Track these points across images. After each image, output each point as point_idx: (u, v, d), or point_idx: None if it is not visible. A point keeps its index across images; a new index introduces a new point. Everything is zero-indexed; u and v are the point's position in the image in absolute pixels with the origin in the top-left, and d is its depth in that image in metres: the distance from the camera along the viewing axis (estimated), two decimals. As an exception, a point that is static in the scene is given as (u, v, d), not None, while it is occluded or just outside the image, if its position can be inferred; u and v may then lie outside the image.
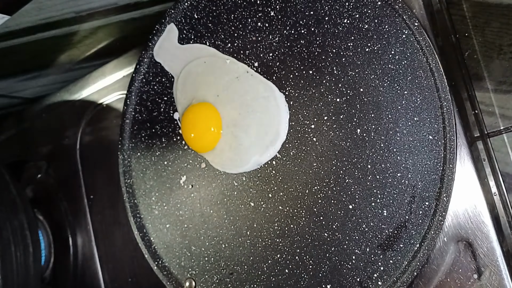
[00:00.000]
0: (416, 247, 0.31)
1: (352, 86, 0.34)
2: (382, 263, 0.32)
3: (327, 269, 0.33)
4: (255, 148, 0.35)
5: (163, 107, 0.40)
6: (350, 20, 0.34)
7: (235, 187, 0.37)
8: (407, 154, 0.32)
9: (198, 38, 0.39)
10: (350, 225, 0.33)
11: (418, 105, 0.32)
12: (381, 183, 0.32)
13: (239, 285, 0.36)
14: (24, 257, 0.37)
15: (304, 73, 0.35)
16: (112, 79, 0.51)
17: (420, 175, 0.32)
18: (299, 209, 0.35)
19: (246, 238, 0.36)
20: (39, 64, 0.50)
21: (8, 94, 0.54)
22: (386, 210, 0.32)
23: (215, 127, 0.36)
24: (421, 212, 0.31)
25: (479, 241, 0.32)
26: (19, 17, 0.39)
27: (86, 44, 0.48)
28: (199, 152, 0.38)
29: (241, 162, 0.35)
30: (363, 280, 0.32)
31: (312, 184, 0.34)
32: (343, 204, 0.33)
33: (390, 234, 0.32)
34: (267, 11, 0.37)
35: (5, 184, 0.39)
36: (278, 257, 0.35)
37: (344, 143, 0.34)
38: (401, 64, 0.33)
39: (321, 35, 0.35)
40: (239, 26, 0.38)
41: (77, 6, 0.41)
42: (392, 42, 0.33)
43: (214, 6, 0.39)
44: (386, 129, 0.33)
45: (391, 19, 0.33)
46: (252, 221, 0.36)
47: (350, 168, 0.33)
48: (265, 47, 0.37)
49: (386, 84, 0.33)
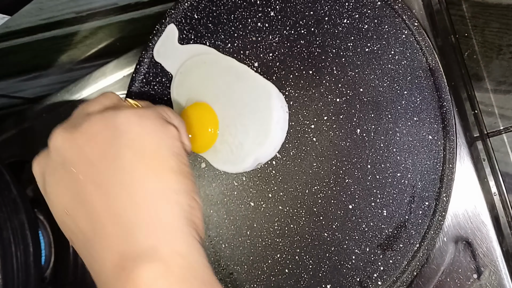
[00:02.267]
0: (416, 247, 0.31)
1: (352, 86, 0.34)
2: (382, 262, 0.32)
3: (327, 269, 0.33)
4: (254, 148, 0.35)
5: (163, 107, 0.40)
6: (350, 21, 0.34)
7: (235, 187, 0.37)
8: (407, 154, 0.32)
9: (198, 38, 0.39)
10: (350, 225, 0.33)
11: (418, 105, 0.32)
12: (380, 183, 0.32)
13: (239, 285, 0.36)
14: (24, 256, 0.37)
15: (304, 73, 0.35)
16: (112, 79, 0.51)
17: (420, 175, 0.32)
18: (299, 209, 0.35)
19: (246, 238, 0.36)
20: (39, 64, 0.50)
21: (8, 94, 0.54)
22: (386, 210, 0.32)
23: (212, 127, 0.36)
24: (420, 212, 0.31)
25: (479, 241, 0.32)
26: (19, 17, 0.39)
27: (87, 44, 0.48)
28: (196, 152, 0.38)
29: (240, 162, 0.35)
30: (363, 280, 0.33)
31: (312, 184, 0.34)
32: (343, 204, 0.33)
33: (390, 234, 0.32)
34: (267, 11, 0.37)
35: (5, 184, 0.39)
36: (278, 257, 0.35)
37: (344, 143, 0.34)
38: (401, 64, 0.33)
39: (321, 35, 0.35)
40: (239, 26, 0.38)
41: (77, 6, 0.41)
42: (391, 42, 0.33)
43: (214, 6, 0.39)
44: (386, 129, 0.33)
45: (390, 19, 0.33)
46: (252, 221, 0.36)
47: (350, 168, 0.33)
48: (265, 47, 0.37)
49: (386, 84, 0.33)
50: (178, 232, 0.24)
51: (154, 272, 0.22)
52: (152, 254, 0.23)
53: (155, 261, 0.22)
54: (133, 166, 0.24)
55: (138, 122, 0.25)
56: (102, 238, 0.24)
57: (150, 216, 0.24)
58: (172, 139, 0.26)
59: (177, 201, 0.24)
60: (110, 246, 0.23)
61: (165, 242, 0.23)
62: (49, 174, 0.26)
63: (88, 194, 0.24)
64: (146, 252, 0.23)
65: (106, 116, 0.25)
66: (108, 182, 0.24)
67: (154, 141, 0.25)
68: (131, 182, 0.24)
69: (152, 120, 0.26)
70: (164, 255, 0.23)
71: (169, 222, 0.24)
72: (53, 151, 0.26)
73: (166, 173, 0.25)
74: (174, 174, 0.25)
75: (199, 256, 0.24)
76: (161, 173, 0.25)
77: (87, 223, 0.24)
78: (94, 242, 0.24)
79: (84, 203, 0.25)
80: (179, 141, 0.27)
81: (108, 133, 0.25)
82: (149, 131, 0.25)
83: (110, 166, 0.24)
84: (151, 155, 0.25)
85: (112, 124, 0.25)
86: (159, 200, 0.24)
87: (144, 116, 0.26)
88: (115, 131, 0.25)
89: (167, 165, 0.25)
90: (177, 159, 0.26)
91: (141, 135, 0.25)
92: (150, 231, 0.23)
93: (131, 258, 0.23)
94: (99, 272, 0.24)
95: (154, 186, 0.24)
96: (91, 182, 0.24)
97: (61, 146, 0.25)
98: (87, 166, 0.25)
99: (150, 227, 0.23)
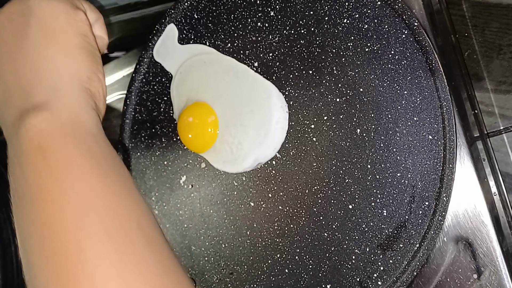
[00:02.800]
0: (416, 247, 0.31)
1: (352, 86, 0.34)
2: (382, 263, 0.32)
3: (327, 269, 0.33)
4: (254, 148, 0.35)
5: (163, 107, 0.40)
6: (350, 20, 0.34)
7: (235, 187, 0.37)
8: (407, 154, 0.32)
9: (198, 38, 0.39)
10: (350, 225, 0.33)
11: (418, 105, 0.32)
12: (381, 183, 0.32)
13: (239, 285, 0.36)
14: (24, 257, 0.37)
15: (304, 73, 0.35)
16: (112, 79, 0.51)
17: (420, 175, 0.32)
18: (299, 209, 0.35)
19: (246, 238, 0.36)
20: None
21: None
22: (386, 210, 0.32)
23: (212, 127, 0.36)
24: (420, 212, 0.31)
25: (479, 241, 0.32)
26: (19, 17, 0.39)
27: (86, 44, 0.48)
28: (196, 152, 0.38)
29: (240, 162, 0.35)
30: (363, 280, 0.33)
31: (312, 184, 0.34)
32: (343, 204, 0.33)
33: (390, 234, 0.32)
34: (267, 11, 0.37)
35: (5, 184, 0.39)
36: (278, 257, 0.35)
37: (344, 143, 0.34)
38: (401, 64, 0.33)
39: (321, 35, 0.35)
40: (239, 26, 0.38)
41: (77, 6, 0.41)
42: (391, 42, 0.33)
43: (214, 6, 0.39)
44: (386, 129, 0.33)
45: (390, 19, 0.33)
46: (252, 221, 0.36)
47: (350, 168, 0.33)
48: (265, 47, 0.37)
49: (386, 84, 0.33)
50: (70, 93, 0.28)
51: (41, 118, 0.26)
52: (44, 107, 0.27)
53: (44, 110, 0.26)
54: (39, 42, 0.29)
55: (47, 3, 0.29)
56: (8, 98, 0.28)
57: (47, 79, 0.28)
58: (80, 22, 0.30)
59: (75, 70, 0.29)
60: (13, 103, 0.28)
61: (57, 98, 0.27)
62: None
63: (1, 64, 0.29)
64: (39, 106, 0.27)
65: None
66: (18, 55, 0.29)
67: (61, 20, 0.29)
68: (37, 55, 0.28)
69: (60, 3, 0.30)
70: (53, 108, 0.27)
71: (64, 85, 0.28)
72: None
73: (71, 48, 0.29)
74: (78, 49, 0.30)
75: (87, 115, 0.28)
76: (65, 48, 0.29)
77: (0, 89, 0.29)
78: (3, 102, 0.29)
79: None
80: (87, 25, 0.31)
81: (22, 12, 0.29)
82: (58, 12, 0.30)
83: (21, 43, 0.29)
84: (57, 33, 0.29)
85: (26, 6, 0.29)
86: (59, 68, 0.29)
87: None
88: (27, 10, 0.29)
89: (72, 42, 0.29)
90: (82, 39, 0.30)
91: (49, 14, 0.29)
92: (45, 90, 0.28)
93: (26, 110, 0.27)
94: (5, 125, 0.29)
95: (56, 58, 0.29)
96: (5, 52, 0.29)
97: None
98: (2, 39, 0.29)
99: (47, 88, 0.28)
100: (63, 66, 0.29)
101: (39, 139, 0.25)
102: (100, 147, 0.28)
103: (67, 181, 0.25)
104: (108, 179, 0.26)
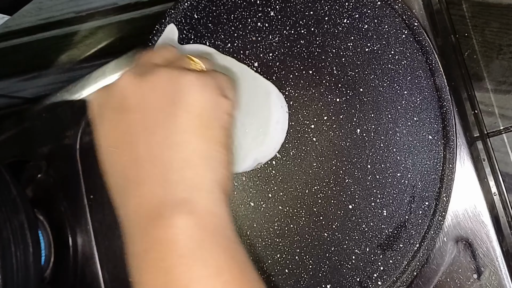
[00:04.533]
0: (416, 247, 0.31)
1: (351, 86, 0.34)
2: (381, 263, 0.32)
3: (327, 269, 0.33)
4: (254, 148, 0.35)
5: (163, 107, 0.40)
6: (349, 20, 0.34)
7: (235, 187, 0.37)
8: (407, 154, 0.32)
9: (198, 38, 0.39)
10: (350, 225, 0.33)
11: (418, 105, 0.32)
12: (380, 183, 0.32)
13: (239, 285, 0.36)
14: (24, 257, 0.37)
15: (304, 73, 0.35)
16: (112, 79, 0.51)
17: (420, 175, 0.32)
18: (299, 209, 0.35)
19: (246, 238, 0.36)
20: (39, 64, 0.50)
21: (8, 94, 0.54)
22: (385, 210, 0.32)
23: None
24: (420, 212, 0.31)
25: (479, 241, 0.32)
26: (19, 17, 0.39)
27: (86, 44, 0.48)
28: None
29: (240, 162, 0.35)
30: (363, 280, 0.33)
31: (312, 184, 0.34)
32: (343, 204, 0.33)
33: (390, 234, 0.32)
34: (267, 11, 0.37)
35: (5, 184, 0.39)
36: (278, 257, 0.35)
37: (343, 143, 0.34)
38: (401, 64, 0.33)
39: (321, 35, 0.35)
40: (239, 26, 0.38)
41: (77, 6, 0.41)
42: (391, 42, 0.33)
43: (214, 6, 0.39)
44: (386, 129, 0.33)
45: (390, 19, 0.33)
46: (252, 221, 0.36)
47: (350, 168, 0.33)
48: (265, 47, 0.37)
49: (386, 84, 0.33)
50: (212, 194, 0.26)
51: (188, 223, 0.24)
52: (188, 207, 0.25)
53: (190, 213, 0.25)
54: (185, 128, 0.26)
55: (200, 89, 0.27)
56: (141, 182, 0.26)
57: (190, 174, 0.26)
58: (224, 114, 0.28)
59: (216, 168, 0.27)
60: (148, 192, 0.25)
61: (200, 199, 0.25)
62: (106, 108, 0.28)
63: (137, 137, 0.26)
64: (183, 204, 0.25)
65: (173, 73, 0.27)
66: (160, 133, 0.26)
67: (209, 112, 0.27)
68: (180, 140, 0.26)
69: (211, 91, 0.28)
70: (198, 210, 0.25)
71: (206, 184, 0.26)
72: (118, 90, 0.28)
73: (213, 143, 0.27)
74: (220, 146, 0.27)
75: (227, 219, 0.26)
76: (209, 142, 0.27)
77: (130, 164, 0.26)
78: (133, 184, 0.26)
79: (131, 144, 0.27)
80: (230, 115, 0.29)
81: (171, 90, 0.27)
82: (207, 101, 0.27)
83: (165, 120, 0.26)
84: (204, 124, 0.27)
85: (177, 83, 0.27)
86: (201, 163, 0.26)
87: (206, 85, 0.27)
88: (178, 91, 0.27)
89: (216, 137, 0.27)
90: (225, 133, 0.28)
91: (200, 102, 0.27)
92: (189, 187, 0.25)
93: (168, 206, 0.25)
94: (130, 215, 0.26)
95: (199, 151, 0.26)
96: (144, 128, 0.26)
97: (126, 87, 0.27)
98: (144, 112, 0.27)
99: (189, 183, 0.26)
100: (206, 161, 0.26)
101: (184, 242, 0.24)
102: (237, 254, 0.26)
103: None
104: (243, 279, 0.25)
